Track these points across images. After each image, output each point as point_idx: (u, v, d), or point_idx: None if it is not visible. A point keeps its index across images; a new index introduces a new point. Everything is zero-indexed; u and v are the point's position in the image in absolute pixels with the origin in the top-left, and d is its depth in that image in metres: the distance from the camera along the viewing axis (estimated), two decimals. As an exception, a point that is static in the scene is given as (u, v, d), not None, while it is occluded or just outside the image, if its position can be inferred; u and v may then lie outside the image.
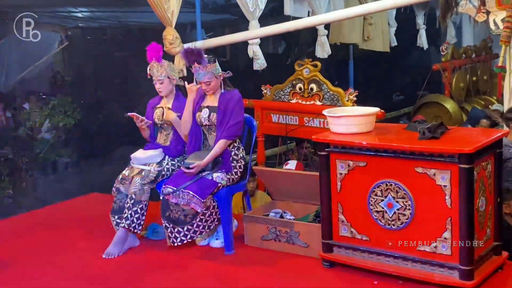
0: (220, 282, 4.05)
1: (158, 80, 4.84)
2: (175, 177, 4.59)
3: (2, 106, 9.20)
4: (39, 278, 4.18)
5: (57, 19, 10.64)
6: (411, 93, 12.00)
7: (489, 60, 10.20)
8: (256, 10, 7.06)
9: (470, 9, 5.56)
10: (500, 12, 5.30)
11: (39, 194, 8.12)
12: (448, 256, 3.69)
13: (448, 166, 3.61)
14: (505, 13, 5.23)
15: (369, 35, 9.84)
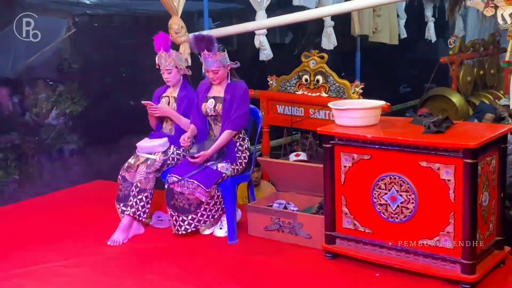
0: (223, 271, 4.08)
1: (166, 70, 4.85)
2: (180, 166, 4.62)
3: (9, 91, 9.23)
4: (44, 264, 4.22)
5: (65, 5, 10.64)
6: (418, 85, 11.94)
7: (497, 54, 10.15)
8: (264, 0, 7.05)
9: (478, 3, 5.54)
10: (508, 7, 5.28)
11: (45, 180, 8.14)
12: (450, 250, 3.70)
13: (452, 160, 3.62)
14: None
15: (377, 27, 9.82)
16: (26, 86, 9.31)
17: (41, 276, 4.02)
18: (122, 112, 9.12)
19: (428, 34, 11.45)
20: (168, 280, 3.95)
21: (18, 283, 3.90)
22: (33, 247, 4.55)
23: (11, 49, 9.12)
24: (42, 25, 10.52)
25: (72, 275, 4.03)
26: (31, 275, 4.03)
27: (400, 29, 10.64)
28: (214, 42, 4.58)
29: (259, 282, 3.91)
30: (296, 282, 3.88)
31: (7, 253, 4.42)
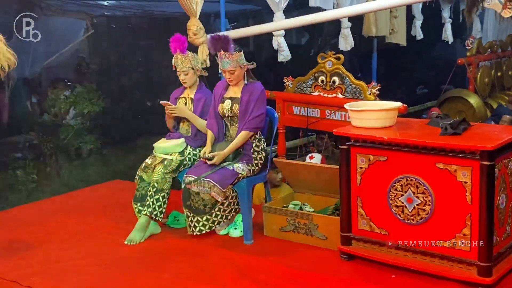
0: (238, 271, 4.08)
1: (183, 72, 4.87)
2: (196, 166, 4.63)
3: (28, 92, 9.30)
4: (62, 262, 4.25)
5: (83, 7, 10.71)
6: (435, 87, 11.88)
7: (515, 55, 10.08)
8: (281, 1, 7.05)
9: (496, 5, 5.51)
10: (526, 8, 5.25)
11: (62, 179, 8.21)
12: (467, 252, 3.68)
13: (469, 162, 3.60)
14: (531, 9, 5.19)
15: (394, 28, 9.80)
16: (44, 87, 9.39)
17: (58, 274, 4.05)
18: (139, 113, 9.19)
19: (445, 35, 11.40)
20: (184, 280, 3.96)
21: (36, 280, 3.93)
22: (51, 245, 4.59)
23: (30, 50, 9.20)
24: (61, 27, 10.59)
25: (89, 273, 4.06)
26: (49, 273, 4.06)
27: (417, 30, 10.60)
28: (231, 42, 4.59)
29: (274, 282, 3.90)
30: (312, 283, 3.87)
31: (26, 251, 4.46)
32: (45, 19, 10.42)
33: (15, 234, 4.83)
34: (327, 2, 8.27)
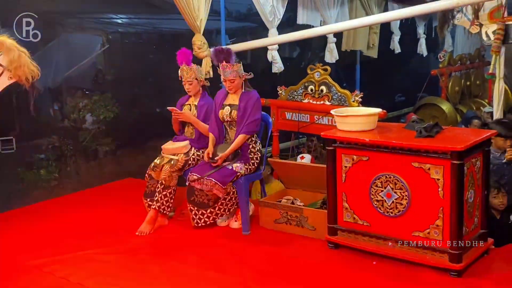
0: (237, 258, 4.09)
1: (188, 82, 4.87)
2: (200, 166, 4.63)
3: (50, 100, 9.29)
4: (80, 251, 4.24)
5: (100, 24, 10.71)
6: (412, 95, 11.90)
7: (482, 67, 10.11)
8: (275, 19, 7.06)
9: (465, 22, 5.54)
10: (491, 25, 5.27)
11: (81, 177, 8.19)
12: (439, 241, 3.70)
13: (441, 161, 3.61)
14: (496, 26, 5.20)
15: (374, 43, 9.81)
16: (65, 95, 9.37)
17: (77, 261, 4.05)
18: (149, 118, 9.15)
19: (420, 49, 11.44)
20: (189, 267, 3.96)
21: (56, 267, 3.92)
22: (70, 236, 4.59)
23: (52, 62, 9.19)
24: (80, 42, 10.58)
25: (103, 262, 4.05)
26: (68, 260, 4.06)
27: (395, 44, 10.62)
28: (232, 54, 4.59)
29: (269, 268, 3.91)
30: (302, 269, 3.87)
31: (47, 242, 4.46)
32: (66, 36, 10.40)
33: (38, 227, 4.83)
34: (315, 20, 8.28)
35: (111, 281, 3.73)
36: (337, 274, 3.80)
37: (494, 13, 5.29)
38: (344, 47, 9.43)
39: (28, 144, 8.52)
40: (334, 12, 8.53)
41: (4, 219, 5.07)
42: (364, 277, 3.73)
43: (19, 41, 5.07)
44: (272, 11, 7.02)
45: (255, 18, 8.26)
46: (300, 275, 3.78)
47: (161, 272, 3.88)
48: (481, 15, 5.36)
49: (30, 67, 4.35)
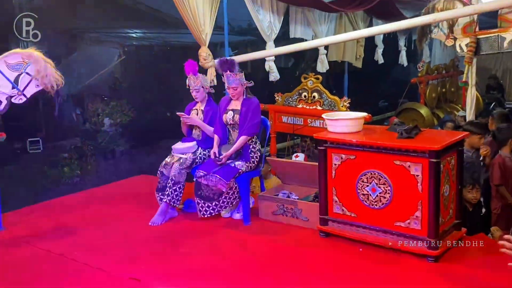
0: (239, 246, 4.08)
1: (195, 89, 4.87)
2: (206, 164, 4.64)
3: (73, 105, 9.29)
4: (100, 240, 4.25)
5: (117, 38, 10.71)
6: (394, 100, 11.90)
7: (456, 75, 10.13)
8: (272, 34, 7.07)
9: (441, 36, 5.54)
10: (464, 39, 5.28)
11: (100, 174, 8.19)
12: (418, 230, 3.70)
13: (420, 160, 3.61)
14: (468, 40, 5.21)
15: (360, 54, 9.81)
16: (86, 101, 9.38)
17: (96, 249, 4.05)
18: (160, 122, 9.17)
19: (401, 60, 11.45)
20: (196, 253, 3.96)
21: (78, 254, 3.93)
22: (90, 226, 4.58)
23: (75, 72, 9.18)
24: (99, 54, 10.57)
25: (120, 249, 4.05)
26: (89, 248, 4.06)
27: (378, 56, 10.63)
28: (235, 64, 4.59)
29: (267, 254, 3.91)
30: (296, 255, 3.87)
31: (70, 232, 4.45)
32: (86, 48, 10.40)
33: (62, 218, 4.83)
34: (307, 34, 8.29)
35: (127, 265, 3.73)
36: (327, 259, 3.80)
37: (467, 28, 5.30)
38: (330, 57, 9.43)
39: (53, 144, 8.53)
40: (325, 27, 8.55)
41: (32, 212, 5.08)
42: (351, 262, 3.73)
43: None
44: (270, 26, 7.04)
45: (255, 32, 8.27)
46: (295, 261, 3.78)
47: (171, 257, 3.88)
48: (456, 29, 5.37)
49: (55, 76, 4.35)
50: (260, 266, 3.72)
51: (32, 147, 7.99)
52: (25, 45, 8.31)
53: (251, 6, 6.79)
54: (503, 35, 5.12)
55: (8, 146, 7.49)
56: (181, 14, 5.78)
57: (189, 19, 5.78)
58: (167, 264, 3.77)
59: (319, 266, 3.69)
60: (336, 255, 3.86)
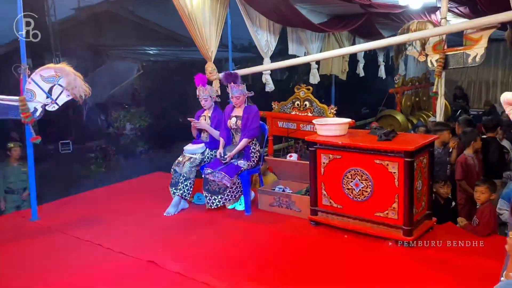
0: (241, 233, 4.09)
1: (203, 99, 4.88)
2: (213, 162, 4.63)
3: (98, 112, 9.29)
4: (122, 228, 4.25)
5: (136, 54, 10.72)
6: (374, 108, 11.93)
7: (428, 86, 10.12)
8: (269, 51, 7.07)
9: (414, 52, 5.54)
10: (435, 55, 5.28)
11: (122, 171, 8.20)
12: (395, 219, 3.70)
13: (397, 159, 3.62)
14: (438, 56, 5.21)
15: (345, 68, 9.81)
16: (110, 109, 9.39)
17: (119, 236, 4.05)
18: (174, 126, 9.18)
19: (380, 73, 11.45)
20: (205, 239, 3.96)
21: (103, 240, 3.92)
22: (113, 216, 4.57)
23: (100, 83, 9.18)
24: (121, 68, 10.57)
25: (139, 235, 4.05)
26: (112, 235, 4.06)
27: (360, 70, 10.63)
28: (238, 77, 4.60)
29: (265, 240, 3.91)
30: (290, 241, 3.88)
31: (96, 221, 4.45)
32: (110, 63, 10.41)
33: (89, 209, 4.82)
34: (300, 51, 8.30)
35: (145, 250, 3.73)
36: (316, 244, 3.80)
37: (437, 46, 5.30)
38: (323, 72, 9.44)
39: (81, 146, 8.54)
40: (315, 45, 8.54)
41: (63, 204, 5.07)
42: (338, 247, 3.74)
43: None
44: (267, 44, 7.04)
45: (254, 50, 8.29)
46: (289, 246, 3.78)
47: (184, 244, 3.88)
48: (427, 47, 5.36)
49: (83, 87, 4.35)
50: (260, 250, 3.72)
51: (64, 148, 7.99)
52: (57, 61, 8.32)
53: (251, 27, 6.79)
54: (467, 52, 5.12)
55: (43, 148, 7.50)
56: (191, 34, 5.78)
57: (198, 38, 5.78)
58: (179, 248, 3.77)
59: (308, 250, 3.70)
60: (324, 241, 3.86)
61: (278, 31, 7.36)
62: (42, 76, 4.35)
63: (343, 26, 8.43)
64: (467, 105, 11.64)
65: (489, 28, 4.95)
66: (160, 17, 12.18)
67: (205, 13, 5.77)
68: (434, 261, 3.42)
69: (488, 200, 3.92)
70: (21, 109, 4.31)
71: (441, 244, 3.68)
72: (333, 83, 10.75)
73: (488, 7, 5.44)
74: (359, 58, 10.55)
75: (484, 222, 3.83)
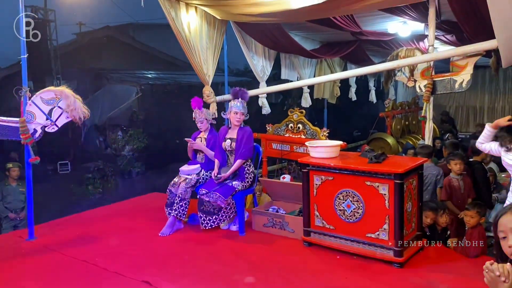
0: (235, 253, 4.03)
1: (199, 121, 4.88)
2: (208, 183, 4.61)
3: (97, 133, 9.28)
4: (118, 248, 4.19)
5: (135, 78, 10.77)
6: (365, 131, 11.99)
7: (417, 111, 10.21)
8: (264, 76, 7.14)
9: (403, 78, 5.59)
10: (423, 81, 5.33)
11: (119, 192, 8.14)
12: (386, 240, 3.68)
13: (387, 181, 3.62)
14: (426, 81, 5.27)
15: (337, 93, 9.90)
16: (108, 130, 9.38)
17: (114, 256, 3.99)
18: (170, 147, 9.17)
19: (371, 98, 11.57)
20: (198, 259, 3.90)
21: (99, 260, 3.87)
22: (110, 236, 4.52)
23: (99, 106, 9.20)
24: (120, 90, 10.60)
25: (134, 256, 3.99)
26: (108, 255, 4.00)
27: (352, 94, 10.72)
28: (247, 94, 4.60)
29: (259, 261, 3.86)
30: (284, 261, 3.83)
31: (92, 241, 4.39)
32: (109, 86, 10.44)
33: (86, 229, 4.76)
34: (293, 75, 8.38)
35: (140, 270, 3.67)
36: (309, 265, 3.76)
37: (425, 72, 5.36)
38: (315, 96, 9.52)
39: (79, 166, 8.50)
40: (308, 70, 8.64)
41: (60, 224, 5.01)
42: (330, 267, 3.70)
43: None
44: (262, 69, 7.11)
45: (250, 74, 8.37)
46: (281, 266, 3.73)
47: (178, 263, 3.82)
48: (416, 73, 5.43)
49: (82, 109, 4.36)
50: (253, 270, 3.67)
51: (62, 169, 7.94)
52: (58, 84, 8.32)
53: (247, 53, 6.87)
54: (454, 78, 5.18)
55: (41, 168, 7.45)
56: (189, 59, 5.84)
57: (195, 63, 5.83)
58: (174, 268, 3.71)
59: (302, 271, 3.65)
60: (317, 262, 3.82)
61: (273, 57, 7.45)
62: (43, 98, 4.35)
63: (334, 52, 8.55)
64: (454, 129, 11.73)
65: (475, 55, 5.03)
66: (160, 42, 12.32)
67: (202, 39, 5.84)
68: (424, 282, 3.39)
69: (478, 223, 3.91)
70: (21, 130, 4.30)
71: (431, 264, 3.65)
72: (325, 106, 10.84)
73: (473, 35, 5.54)
74: (351, 83, 10.66)
75: (473, 243, 3.82)
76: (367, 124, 11.78)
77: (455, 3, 5.10)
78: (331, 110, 11.00)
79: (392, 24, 7.11)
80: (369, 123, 10.18)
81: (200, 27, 5.77)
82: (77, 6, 8.53)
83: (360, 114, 13.42)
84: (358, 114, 13.46)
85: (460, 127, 13.16)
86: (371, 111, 12.38)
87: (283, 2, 4.78)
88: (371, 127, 9.47)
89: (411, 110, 10.15)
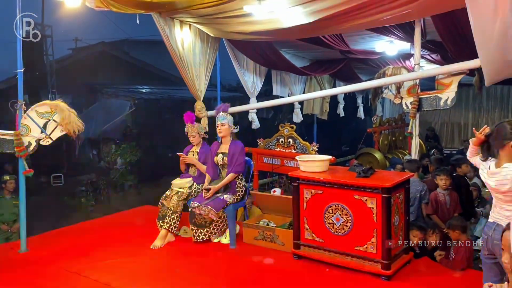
0: (226, 266, 4.01)
1: (192, 135, 4.89)
2: (199, 196, 4.59)
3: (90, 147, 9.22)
4: (109, 260, 4.14)
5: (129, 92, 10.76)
6: (353, 146, 12.06)
7: (403, 127, 10.28)
8: (255, 91, 7.18)
9: (390, 95, 5.65)
10: (409, 98, 5.39)
11: (111, 204, 8.06)
12: (374, 253, 3.67)
13: (375, 195, 3.63)
14: (412, 99, 5.33)
15: (326, 109, 9.96)
16: (101, 144, 9.32)
17: (106, 268, 3.94)
18: (162, 161, 9.13)
19: (359, 114, 11.66)
20: (190, 272, 3.87)
21: (91, 273, 3.81)
22: (102, 248, 4.46)
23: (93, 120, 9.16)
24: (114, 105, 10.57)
25: (127, 267, 3.95)
26: (100, 267, 3.95)
27: (340, 110, 10.79)
28: (228, 107, 4.68)
29: (250, 273, 3.84)
30: (274, 274, 3.81)
31: (85, 253, 4.33)
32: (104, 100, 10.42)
33: (78, 241, 4.70)
34: (284, 91, 8.44)
35: (132, 282, 3.62)
36: (299, 278, 3.74)
37: (411, 89, 5.42)
38: (305, 111, 9.58)
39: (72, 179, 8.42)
40: (298, 87, 8.71)
41: (53, 236, 4.94)
42: (320, 280, 3.68)
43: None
44: (253, 85, 7.16)
45: (242, 89, 8.41)
46: (271, 279, 3.71)
47: (169, 276, 3.78)
48: (402, 90, 5.49)
49: (77, 123, 4.34)
50: (243, 283, 3.64)
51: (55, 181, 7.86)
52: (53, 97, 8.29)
53: (238, 69, 6.91)
54: (439, 95, 5.24)
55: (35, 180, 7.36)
56: (182, 75, 5.85)
57: (188, 79, 5.85)
58: (165, 281, 3.67)
59: (292, 283, 3.63)
60: (306, 275, 3.79)
61: (264, 73, 7.50)
62: (38, 112, 4.34)
63: (324, 70, 8.64)
64: (439, 144, 11.84)
65: (459, 74, 5.10)
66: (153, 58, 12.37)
67: (196, 56, 5.86)
68: (411, 294, 3.39)
69: (464, 236, 3.93)
70: (16, 143, 4.27)
71: (418, 277, 3.65)
72: (315, 122, 10.89)
73: (457, 55, 5.63)
74: (339, 100, 10.75)
75: (459, 257, 3.83)
76: (355, 139, 11.86)
77: (440, 24, 5.20)
78: (320, 125, 11.06)
79: (379, 43, 7.21)
80: (358, 138, 10.25)
81: (193, 44, 5.80)
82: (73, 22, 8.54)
83: (349, 129, 13.51)
84: (346, 130, 13.54)
85: (446, 143, 13.29)
86: (359, 126, 12.46)
87: (274, 21, 4.84)
88: (359, 142, 9.52)
89: (398, 126, 10.23)
